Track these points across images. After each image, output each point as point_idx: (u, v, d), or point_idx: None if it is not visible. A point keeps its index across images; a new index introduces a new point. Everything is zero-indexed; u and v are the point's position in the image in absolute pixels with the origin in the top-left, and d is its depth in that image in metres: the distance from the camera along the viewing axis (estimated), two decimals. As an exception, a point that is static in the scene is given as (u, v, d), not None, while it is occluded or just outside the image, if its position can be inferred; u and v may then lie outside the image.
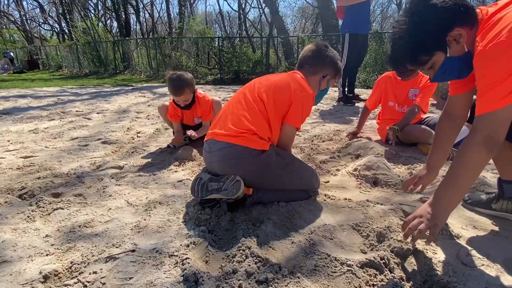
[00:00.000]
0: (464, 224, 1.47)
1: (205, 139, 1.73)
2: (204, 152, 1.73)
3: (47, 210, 1.66)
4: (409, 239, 1.18)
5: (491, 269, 1.15)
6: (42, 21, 28.97)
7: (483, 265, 1.17)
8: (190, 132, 2.63)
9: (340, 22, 5.36)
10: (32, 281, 1.12)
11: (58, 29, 25.96)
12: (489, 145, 1.05)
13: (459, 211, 1.60)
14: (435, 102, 4.68)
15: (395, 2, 27.41)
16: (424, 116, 2.88)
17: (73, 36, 18.00)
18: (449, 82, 1.38)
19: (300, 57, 1.88)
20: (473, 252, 1.22)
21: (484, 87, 1.04)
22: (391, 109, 2.86)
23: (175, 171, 2.24)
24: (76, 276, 1.14)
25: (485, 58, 1.01)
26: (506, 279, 1.10)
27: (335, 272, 1.13)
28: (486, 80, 1.03)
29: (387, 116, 2.90)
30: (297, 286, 1.06)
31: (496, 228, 1.40)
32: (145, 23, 25.29)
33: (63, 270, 1.19)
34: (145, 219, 1.54)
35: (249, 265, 1.15)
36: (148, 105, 5.42)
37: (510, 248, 1.27)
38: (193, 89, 2.65)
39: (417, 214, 1.15)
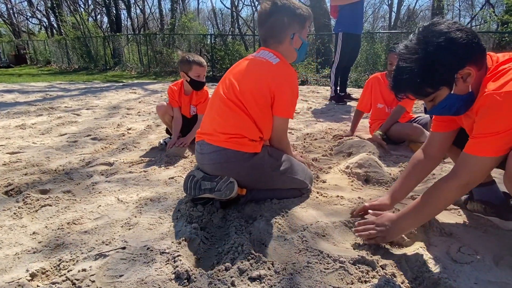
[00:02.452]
0: (454, 221, 1.49)
1: (196, 140, 1.70)
2: (196, 153, 1.70)
3: (34, 207, 1.62)
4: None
5: (481, 265, 1.16)
6: (30, 14, 28.36)
7: (473, 261, 1.18)
8: (180, 142, 2.59)
9: (334, 21, 5.38)
10: (19, 279, 1.09)
11: (47, 23, 25.42)
12: (464, 190, 1.16)
13: (449, 209, 1.62)
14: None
15: (387, 3, 27.69)
16: (415, 115, 2.91)
17: (62, 31, 17.66)
18: (434, 118, 1.37)
19: (260, 30, 1.70)
20: (463, 249, 1.24)
21: (484, 129, 1.04)
22: (380, 111, 2.87)
23: (166, 168, 2.21)
24: (65, 274, 1.11)
25: (495, 103, 0.99)
26: (494, 275, 1.12)
27: (327, 268, 1.13)
28: (490, 125, 1.02)
29: (377, 117, 2.92)
30: (290, 283, 1.05)
31: (485, 226, 1.42)
32: (136, 19, 25.00)
33: (51, 268, 1.16)
34: (135, 216, 1.52)
35: (242, 262, 1.14)
36: (139, 102, 5.35)
37: (498, 244, 1.29)
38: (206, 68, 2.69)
39: (377, 221, 1.27)
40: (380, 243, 1.25)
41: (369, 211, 1.43)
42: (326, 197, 1.73)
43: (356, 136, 2.90)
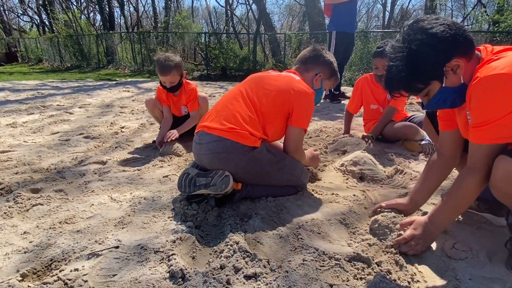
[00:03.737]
0: (448, 218, 1.49)
1: (196, 131, 1.70)
2: (194, 144, 1.69)
3: (25, 206, 1.60)
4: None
5: (475, 262, 1.17)
6: (21, 12, 27.90)
7: (467, 257, 1.19)
8: (169, 135, 2.53)
9: (327, 20, 5.38)
10: (9, 279, 1.07)
11: (38, 21, 25.03)
12: (485, 183, 1.12)
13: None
14: (419, 100, 4.77)
15: (381, 3, 27.84)
16: (409, 114, 2.93)
17: (54, 29, 17.42)
18: (438, 117, 1.37)
19: (298, 56, 1.90)
20: (458, 245, 1.25)
21: (485, 118, 1.02)
22: (374, 111, 2.87)
23: (160, 167, 2.19)
24: (56, 274, 1.09)
25: (488, 86, 0.99)
26: (488, 270, 1.13)
27: (323, 266, 1.12)
28: (490, 110, 1.00)
29: (371, 117, 2.91)
30: (285, 281, 1.05)
31: (479, 222, 1.43)
32: (129, 17, 24.76)
33: (42, 268, 1.14)
34: (129, 215, 1.50)
35: (237, 260, 1.13)
36: (133, 100, 5.30)
37: (492, 241, 1.30)
38: (181, 71, 2.58)
39: (415, 234, 1.22)
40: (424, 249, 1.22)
41: (382, 204, 1.48)
42: (322, 194, 1.73)
43: (351, 134, 2.91)
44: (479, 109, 1.03)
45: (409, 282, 1.07)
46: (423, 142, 2.53)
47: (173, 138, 2.51)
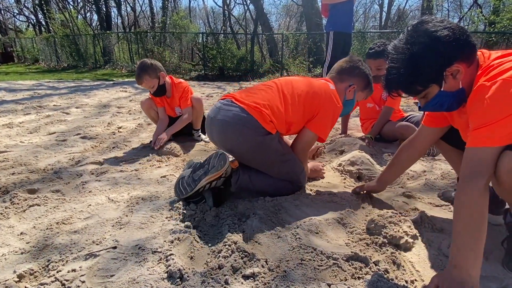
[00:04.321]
0: (445, 217, 1.50)
1: (221, 98, 1.73)
2: (213, 107, 1.72)
3: (22, 206, 1.59)
4: None
5: (471, 260, 1.18)
6: (17, 11, 27.73)
7: (464, 256, 1.19)
8: (158, 142, 2.50)
9: (325, 20, 5.38)
10: (6, 280, 1.06)
11: (34, 20, 24.88)
12: (488, 189, 1.01)
13: (440, 205, 1.64)
14: (416, 100, 4.79)
15: (378, 3, 27.94)
16: (406, 113, 2.94)
17: (51, 29, 17.33)
18: (426, 113, 1.40)
19: (333, 66, 1.92)
20: (454, 244, 1.25)
21: (485, 119, 0.99)
22: (371, 110, 2.89)
23: (158, 167, 2.19)
24: (54, 275, 1.09)
25: (489, 91, 0.98)
26: (484, 269, 1.13)
27: (321, 265, 1.13)
28: (490, 113, 0.98)
29: (368, 116, 2.93)
30: (283, 280, 1.05)
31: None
32: (126, 17, 24.67)
33: (40, 269, 1.14)
34: (127, 216, 1.49)
35: (235, 260, 1.13)
36: (130, 100, 5.29)
37: (489, 239, 1.30)
38: (155, 75, 2.54)
39: (443, 285, 0.97)
40: None
41: (356, 188, 1.70)
42: (319, 194, 1.73)
43: (348, 134, 2.92)
44: (483, 111, 1.00)
45: (406, 281, 1.08)
46: (420, 142, 2.54)
47: (161, 144, 2.50)
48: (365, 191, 1.70)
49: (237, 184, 1.62)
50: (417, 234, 1.32)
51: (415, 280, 1.09)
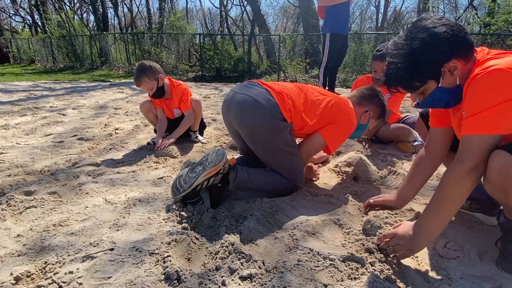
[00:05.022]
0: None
1: (249, 81, 1.78)
2: (238, 84, 1.77)
3: (18, 208, 1.58)
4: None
5: (466, 260, 1.19)
6: (13, 12, 27.58)
7: (459, 256, 1.21)
8: (165, 143, 2.50)
9: (321, 22, 5.40)
10: (2, 283, 1.06)
11: (31, 21, 24.77)
12: (474, 177, 1.05)
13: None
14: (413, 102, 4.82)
15: (374, 5, 28.06)
16: (402, 115, 2.96)
17: (47, 29, 17.25)
18: (430, 114, 1.40)
19: (356, 90, 1.98)
20: (449, 245, 1.27)
21: (476, 107, 1.01)
22: None
23: (155, 168, 2.19)
24: (51, 277, 1.09)
25: (481, 80, 1.00)
26: (479, 269, 1.15)
27: (318, 266, 1.13)
28: (480, 101, 1.00)
29: None
30: (280, 281, 1.06)
31: (470, 222, 1.46)
32: (123, 18, 24.63)
33: (36, 271, 1.13)
34: (124, 217, 1.49)
35: (233, 261, 1.13)
36: (127, 101, 5.27)
37: (483, 240, 1.32)
38: (154, 76, 2.53)
39: (398, 233, 1.18)
40: (409, 256, 1.16)
41: (370, 200, 1.54)
42: (316, 195, 1.74)
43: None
44: (473, 100, 1.02)
45: (402, 282, 1.09)
46: (415, 143, 2.57)
47: (167, 146, 2.50)
48: (379, 207, 1.53)
49: (235, 182, 1.61)
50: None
51: (410, 280, 1.10)
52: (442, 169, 1.50)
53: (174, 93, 2.69)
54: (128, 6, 23.81)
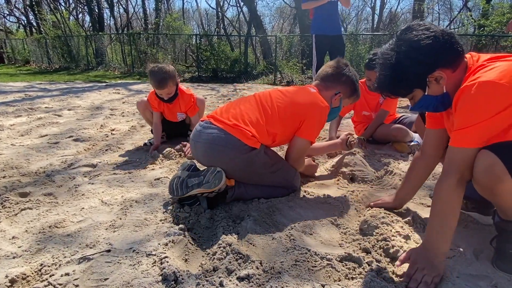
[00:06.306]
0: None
1: (201, 119, 1.74)
2: (194, 131, 1.71)
3: (13, 210, 1.57)
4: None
5: (462, 260, 1.20)
6: (7, 12, 27.34)
7: (455, 256, 1.22)
8: (185, 149, 2.49)
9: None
10: (-3, 285, 1.05)
11: (25, 21, 24.57)
12: (462, 186, 1.11)
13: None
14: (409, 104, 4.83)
15: (370, 6, 28.22)
16: (399, 115, 2.98)
17: (42, 30, 17.12)
18: (426, 114, 1.42)
19: (319, 71, 1.89)
20: (445, 244, 1.27)
21: (464, 121, 1.05)
22: (366, 117, 2.90)
23: (152, 169, 2.18)
24: (47, 279, 1.08)
25: (470, 94, 1.02)
26: (475, 268, 1.16)
27: (315, 266, 1.14)
28: (468, 116, 1.04)
29: (361, 120, 2.95)
30: (278, 281, 1.06)
31: (466, 221, 1.47)
32: (119, 18, 24.51)
33: (32, 273, 1.12)
34: (120, 218, 1.49)
35: (230, 262, 1.13)
36: (123, 102, 5.25)
37: (478, 240, 1.33)
38: (175, 81, 2.57)
39: (416, 264, 1.10)
40: (439, 281, 1.08)
41: (371, 203, 1.58)
42: (313, 196, 1.74)
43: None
44: (462, 115, 1.07)
45: (399, 282, 1.09)
46: (412, 143, 2.58)
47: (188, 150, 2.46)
48: (378, 207, 1.55)
49: (232, 198, 1.61)
50: (409, 234, 1.34)
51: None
52: (439, 169, 1.51)
53: (181, 100, 2.69)
54: (124, 6, 23.72)
